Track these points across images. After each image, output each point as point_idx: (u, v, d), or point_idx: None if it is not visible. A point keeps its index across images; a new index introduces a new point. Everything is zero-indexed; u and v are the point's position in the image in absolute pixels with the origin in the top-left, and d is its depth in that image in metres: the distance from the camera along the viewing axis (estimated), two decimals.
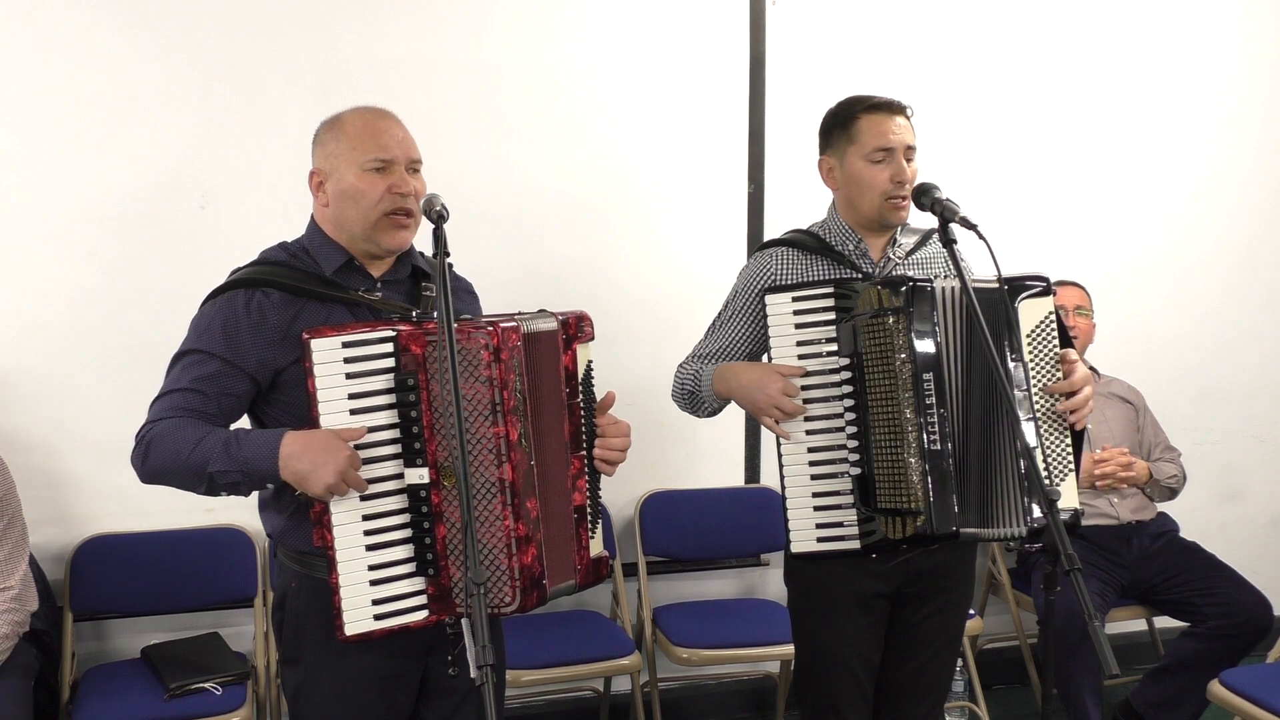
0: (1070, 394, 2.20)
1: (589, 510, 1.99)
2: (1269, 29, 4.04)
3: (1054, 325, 2.23)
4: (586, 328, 2.00)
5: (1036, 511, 2.15)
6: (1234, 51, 4.01)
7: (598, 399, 2.05)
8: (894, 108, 2.31)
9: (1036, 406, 2.17)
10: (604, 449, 2.01)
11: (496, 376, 1.79)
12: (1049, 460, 2.19)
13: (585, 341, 2.00)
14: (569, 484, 1.96)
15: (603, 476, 2.05)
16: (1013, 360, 2.16)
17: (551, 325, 1.94)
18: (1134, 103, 3.93)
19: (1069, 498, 2.18)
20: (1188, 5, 3.95)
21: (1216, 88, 4.01)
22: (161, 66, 3.04)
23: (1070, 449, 2.23)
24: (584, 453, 1.99)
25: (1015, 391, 2.14)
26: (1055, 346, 2.22)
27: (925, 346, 2.13)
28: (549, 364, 1.93)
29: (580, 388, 1.98)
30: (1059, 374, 2.22)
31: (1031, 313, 2.20)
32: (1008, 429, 2.15)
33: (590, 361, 2.02)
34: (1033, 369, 2.19)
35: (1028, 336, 2.18)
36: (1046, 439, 2.19)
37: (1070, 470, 2.21)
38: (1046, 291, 2.22)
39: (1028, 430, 2.14)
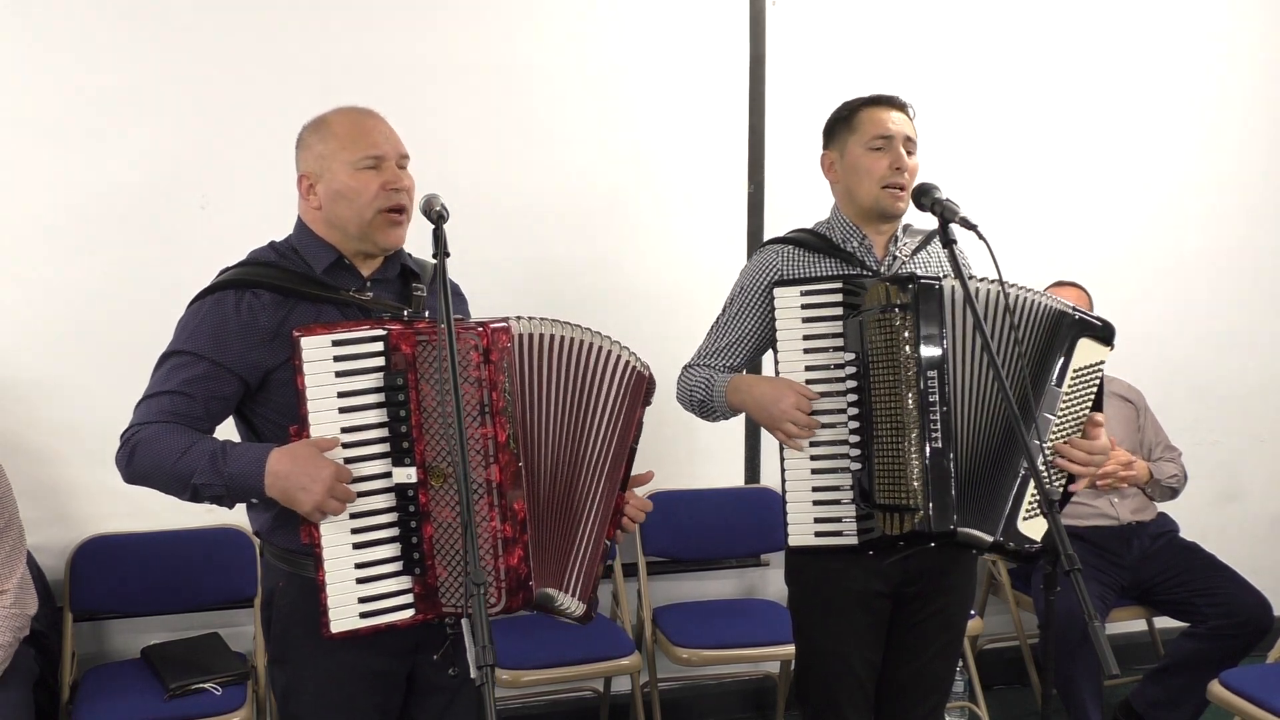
0: (1088, 454, 2.21)
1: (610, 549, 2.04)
2: (1258, 23, 4.04)
3: (1099, 376, 2.25)
4: (653, 395, 2.08)
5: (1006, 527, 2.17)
6: (1233, 48, 4.01)
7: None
8: (895, 103, 2.36)
9: (1050, 438, 2.19)
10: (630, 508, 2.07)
11: (485, 377, 1.80)
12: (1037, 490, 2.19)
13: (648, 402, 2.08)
14: (610, 515, 2.01)
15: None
16: (1053, 385, 2.17)
17: (648, 373, 2.03)
18: (1133, 102, 3.93)
19: (1037, 530, 2.19)
20: (1182, 3, 3.95)
21: (1215, 86, 4.01)
22: (161, 66, 3.04)
23: (1060, 489, 2.25)
24: (624, 496, 2.04)
25: (1040, 414, 2.16)
26: (1089, 399, 2.25)
27: (931, 344, 2.14)
28: (633, 406, 2.01)
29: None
30: (1080, 431, 2.24)
31: (1086, 352, 2.21)
32: (1013, 435, 2.15)
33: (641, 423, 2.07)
34: (1063, 408, 2.20)
35: (1074, 372, 2.19)
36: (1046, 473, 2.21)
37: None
38: (1108, 341, 2.24)
39: (1031, 453, 2.15)
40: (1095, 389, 2.27)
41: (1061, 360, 2.20)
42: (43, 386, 3.03)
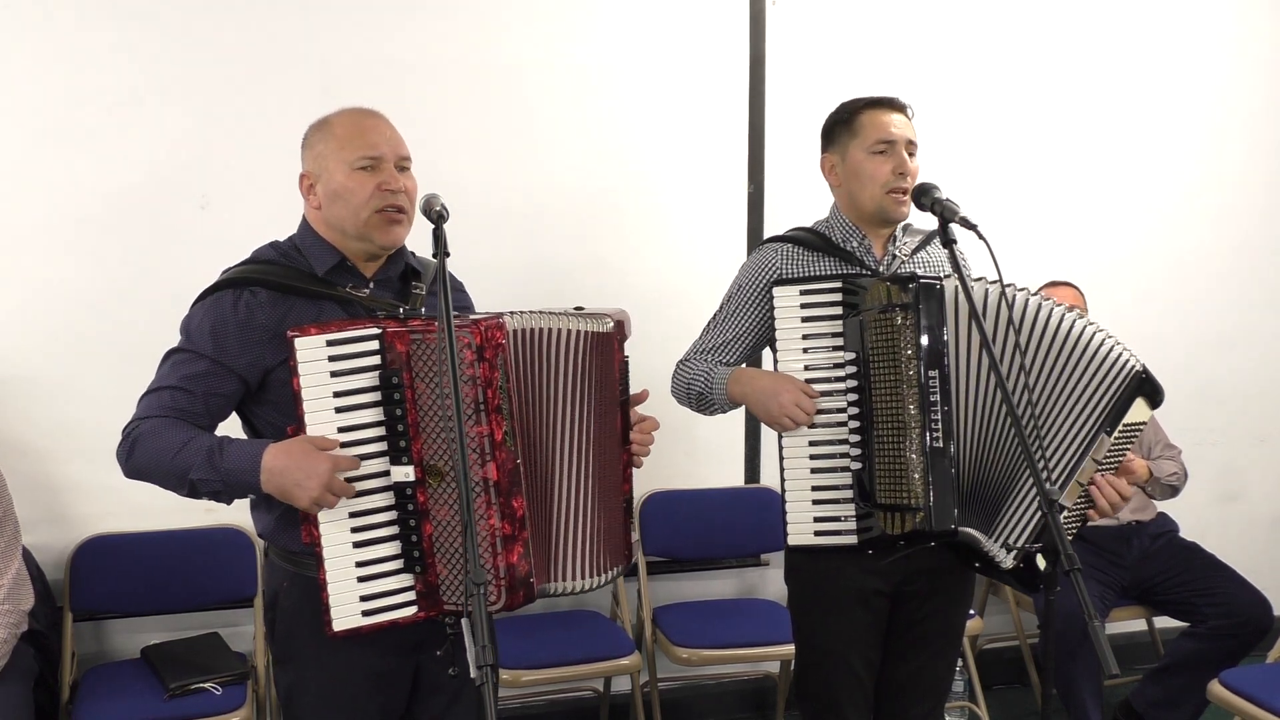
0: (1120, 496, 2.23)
1: (630, 500, 2.05)
2: (1263, 27, 4.04)
3: (1139, 433, 2.25)
4: (628, 328, 2.06)
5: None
6: (1231, 49, 4.01)
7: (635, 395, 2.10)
8: (895, 104, 2.34)
9: (1091, 477, 2.20)
10: (635, 442, 2.06)
11: (480, 375, 1.79)
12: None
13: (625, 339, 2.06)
14: (620, 475, 2.01)
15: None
16: (1105, 432, 2.17)
17: (609, 326, 1.98)
18: (1133, 102, 3.93)
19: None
20: (1185, 5, 3.95)
21: (1217, 86, 4.01)
22: (162, 66, 3.04)
23: (1077, 527, 2.26)
24: (629, 446, 2.04)
25: (1089, 457, 2.16)
26: (1128, 451, 2.26)
27: (932, 344, 2.14)
28: (606, 363, 1.97)
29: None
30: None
31: (1137, 412, 2.20)
32: (1015, 438, 2.14)
33: (626, 358, 2.05)
34: (1107, 455, 2.20)
35: (1124, 426, 2.19)
36: (1074, 508, 2.22)
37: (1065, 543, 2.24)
38: (1157, 404, 2.23)
39: (1070, 491, 2.16)
40: (1134, 443, 2.28)
41: (1116, 410, 2.18)
42: (42, 386, 3.03)
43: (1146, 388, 2.19)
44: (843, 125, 2.36)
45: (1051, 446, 2.17)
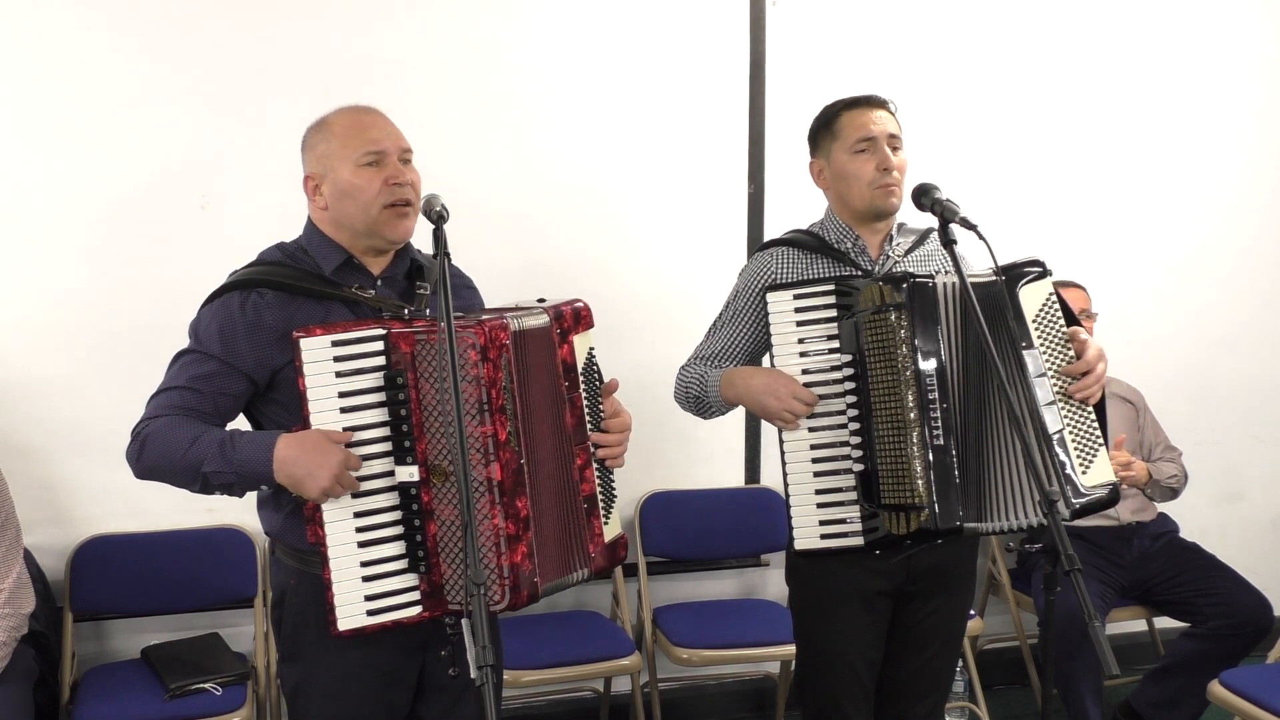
0: (1085, 373, 2.20)
1: (600, 497, 2.00)
2: (1268, 25, 4.04)
3: (1056, 306, 2.24)
4: (584, 316, 2.01)
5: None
6: (1233, 50, 4.02)
7: (604, 385, 2.05)
8: (874, 101, 2.35)
9: (1055, 389, 2.18)
10: (602, 444, 2.00)
11: (484, 375, 1.80)
12: (1079, 441, 2.18)
13: (584, 330, 2.00)
14: (576, 475, 1.97)
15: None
16: (1025, 348, 2.16)
17: (543, 321, 1.93)
18: (1134, 102, 3.93)
19: (1102, 472, 2.18)
20: (1186, 4, 3.95)
21: (1216, 86, 4.02)
22: (161, 66, 3.04)
23: (1095, 425, 2.23)
24: (589, 442, 1.99)
25: (1034, 379, 2.14)
26: (1061, 327, 2.23)
27: (927, 342, 2.14)
28: (543, 359, 1.93)
29: (581, 378, 1.98)
30: (1070, 353, 2.22)
31: (1033, 298, 2.20)
32: (1009, 423, 2.15)
33: (591, 349, 2.03)
34: (1043, 352, 2.19)
35: (1033, 322, 2.19)
36: (1070, 420, 2.19)
37: (1099, 446, 2.21)
38: (1043, 274, 2.23)
39: (1050, 415, 2.14)
40: (1059, 316, 2.24)
41: (1015, 322, 2.17)
42: (43, 386, 3.02)
43: (1016, 278, 2.17)
44: (825, 129, 2.38)
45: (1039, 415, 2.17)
